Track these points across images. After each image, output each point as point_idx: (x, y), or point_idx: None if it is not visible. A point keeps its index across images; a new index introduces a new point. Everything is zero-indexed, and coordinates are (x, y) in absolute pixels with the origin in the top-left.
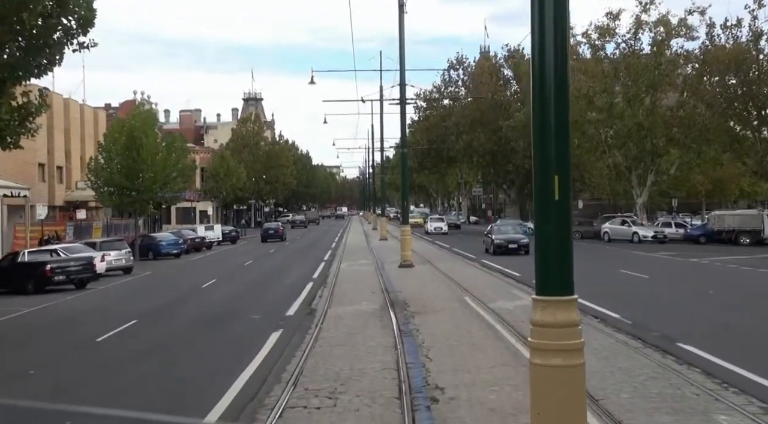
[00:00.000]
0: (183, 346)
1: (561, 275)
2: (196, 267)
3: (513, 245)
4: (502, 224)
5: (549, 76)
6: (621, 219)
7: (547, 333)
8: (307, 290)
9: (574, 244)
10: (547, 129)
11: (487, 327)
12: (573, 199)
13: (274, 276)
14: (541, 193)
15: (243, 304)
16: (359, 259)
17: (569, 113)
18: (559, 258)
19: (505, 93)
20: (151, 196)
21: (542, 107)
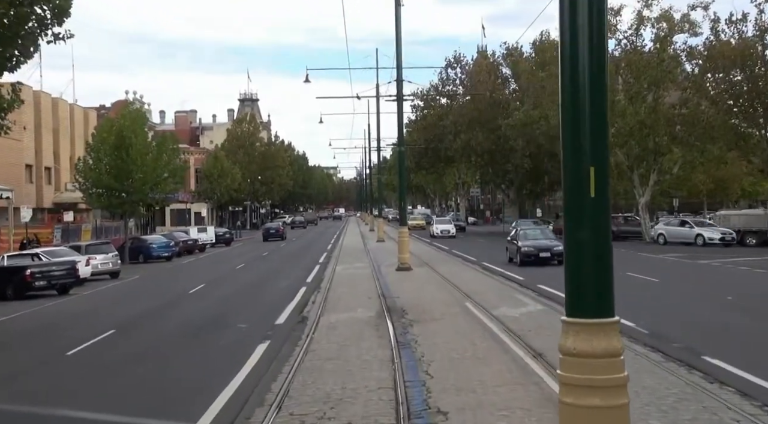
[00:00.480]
0: (158, 361)
1: (599, 291)
2: (187, 271)
3: (545, 253)
4: (529, 228)
5: (582, 36)
6: (680, 219)
7: (581, 365)
8: (299, 296)
9: None
10: (579, 109)
11: (491, 337)
12: None
13: (266, 280)
14: (572, 190)
15: (230, 311)
16: (355, 262)
17: (607, 89)
18: (597, 271)
19: (504, 92)
20: (141, 197)
21: (573, 80)
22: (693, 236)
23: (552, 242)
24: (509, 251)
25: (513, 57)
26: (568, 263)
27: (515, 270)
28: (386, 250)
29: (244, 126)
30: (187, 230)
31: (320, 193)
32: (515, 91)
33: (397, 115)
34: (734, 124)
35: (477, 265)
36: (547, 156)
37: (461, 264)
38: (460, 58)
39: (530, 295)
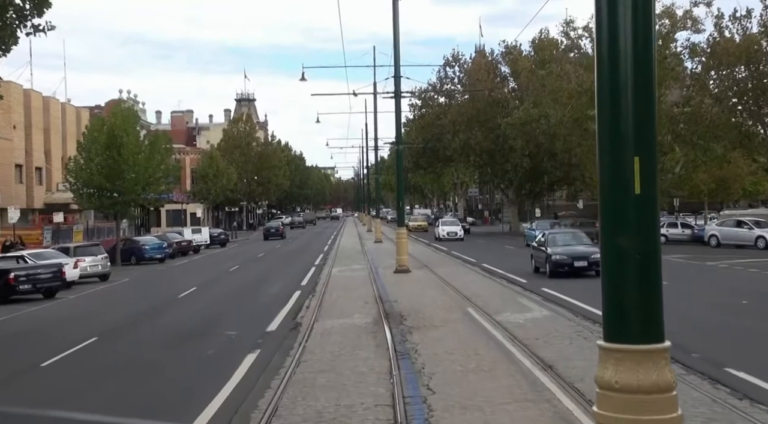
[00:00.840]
0: (137, 374)
1: (646, 310)
2: (179, 273)
3: (581, 262)
4: (560, 232)
5: None
6: (737, 220)
7: (625, 403)
8: (293, 300)
9: None
10: (619, 83)
11: (496, 346)
12: (574, 198)
13: (260, 283)
14: (610, 187)
15: (220, 317)
16: (352, 263)
17: (654, 59)
18: (642, 284)
19: (503, 90)
20: (133, 197)
21: (612, 46)
22: (753, 239)
23: (589, 248)
24: (535, 259)
25: (512, 55)
26: (607, 274)
27: (521, 273)
28: (384, 251)
29: (240, 126)
30: (181, 231)
31: (318, 193)
32: (514, 89)
33: (395, 113)
34: (738, 122)
35: (477, 267)
36: (546, 155)
37: (461, 266)
38: (459, 57)
39: (534, 299)
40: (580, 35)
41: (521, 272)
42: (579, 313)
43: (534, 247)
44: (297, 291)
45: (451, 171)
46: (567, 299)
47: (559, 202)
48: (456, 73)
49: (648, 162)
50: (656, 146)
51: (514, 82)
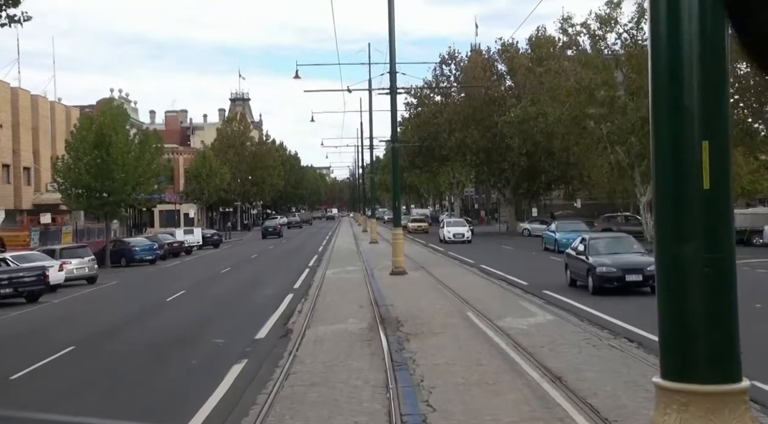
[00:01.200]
0: (112, 388)
1: (718, 341)
2: (169, 275)
3: (634, 276)
4: (604, 238)
5: None
6: None
7: None
8: (285, 304)
9: None
10: (681, 40)
11: (499, 355)
12: (571, 197)
13: (252, 286)
14: (670, 180)
15: (208, 323)
16: (347, 265)
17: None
18: (713, 307)
19: (500, 88)
20: (122, 198)
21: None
22: None
23: (642, 257)
24: (572, 271)
25: (509, 53)
26: (665, 292)
27: (520, 274)
28: (379, 252)
29: (234, 125)
30: (172, 232)
31: (313, 193)
32: (511, 88)
33: (390, 109)
34: (740, 119)
35: (475, 268)
36: (543, 154)
37: (458, 267)
38: (455, 55)
39: (536, 302)
40: (578, 32)
41: (520, 273)
42: (584, 317)
43: (570, 255)
44: (289, 294)
45: (447, 170)
46: (571, 303)
47: (555, 202)
48: (452, 70)
49: (720, 149)
50: (729, 131)
51: (511, 80)
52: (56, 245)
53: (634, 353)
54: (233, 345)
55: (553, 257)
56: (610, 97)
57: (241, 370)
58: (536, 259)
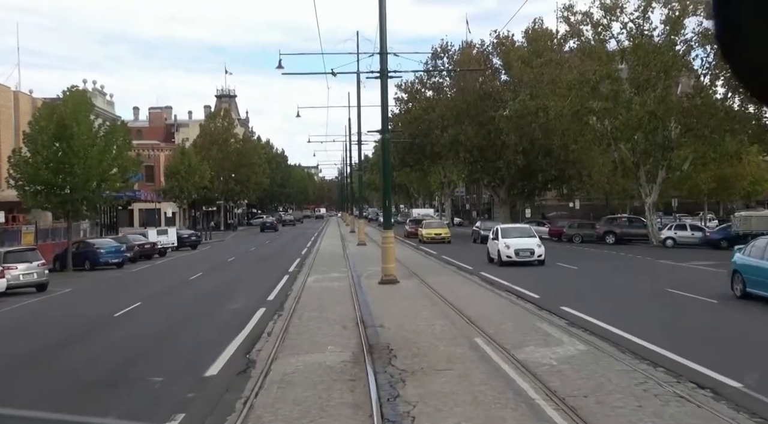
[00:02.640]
0: None
1: None
2: (132, 281)
3: None
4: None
5: None
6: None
7: None
8: (253, 323)
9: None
10: None
11: (531, 412)
12: (569, 198)
13: (220, 297)
14: None
15: (152, 350)
16: (331, 270)
17: None
18: None
19: (494, 83)
20: (85, 195)
21: None
22: None
23: None
24: None
25: (504, 46)
26: None
27: (522, 281)
28: (368, 255)
29: (218, 121)
30: (145, 233)
31: (300, 192)
32: (506, 82)
33: (380, 95)
34: (756, 114)
35: (475, 276)
36: (541, 152)
37: (455, 274)
38: (448, 48)
39: (556, 323)
40: (581, 20)
41: (527, 283)
42: (626, 347)
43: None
44: (261, 309)
45: (438, 169)
46: (600, 324)
47: (550, 202)
48: (445, 64)
49: None
50: None
51: (507, 74)
52: (2, 248)
53: (715, 408)
54: (173, 387)
55: (556, 261)
56: (614, 91)
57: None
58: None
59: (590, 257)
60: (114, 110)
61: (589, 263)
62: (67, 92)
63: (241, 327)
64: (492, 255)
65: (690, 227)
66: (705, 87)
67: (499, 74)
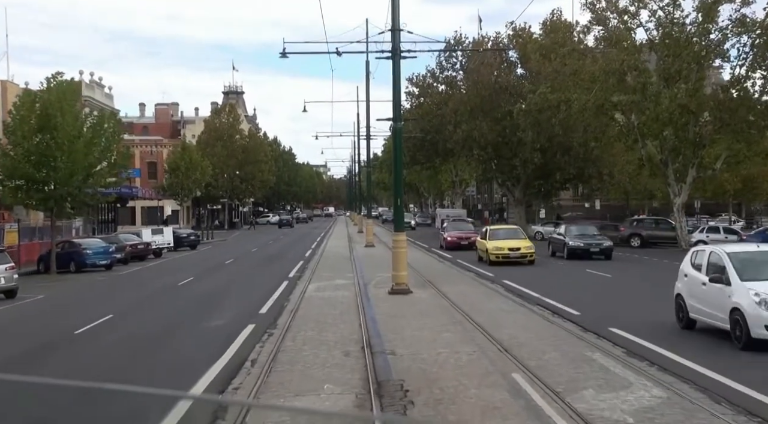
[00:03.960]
0: None
1: None
2: (115, 287)
3: None
4: None
5: None
6: None
7: None
8: (236, 346)
9: None
10: None
11: None
12: (589, 198)
13: (205, 308)
14: None
15: (105, 380)
16: (336, 276)
17: None
18: None
19: (510, 76)
20: (69, 191)
21: None
22: None
23: None
24: None
25: (521, 39)
26: None
27: (551, 290)
28: (376, 259)
29: (222, 117)
30: (138, 232)
31: (308, 191)
32: (523, 76)
33: (392, 78)
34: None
35: (497, 284)
36: (560, 150)
37: (475, 283)
38: (461, 40)
39: (611, 352)
40: (605, 7)
41: (561, 294)
42: (719, 394)
43: None
44: (249, 325)
45: (449, 167)
46: (667, 355)
47: (565, 203)
48: (458, 57)
49: None
50: None
51: (523, 67)
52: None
53: None
54: None
55: (586, 267)
56: (641, 84)
57: None
58: (568, 271)
59: (620, 263)
60: (113, 103)
61: (621, 269)
62: (52, 80)
63: (221, 352)
64: None
65: (723, 230)
66: (742, 78)
67: (515, 67)
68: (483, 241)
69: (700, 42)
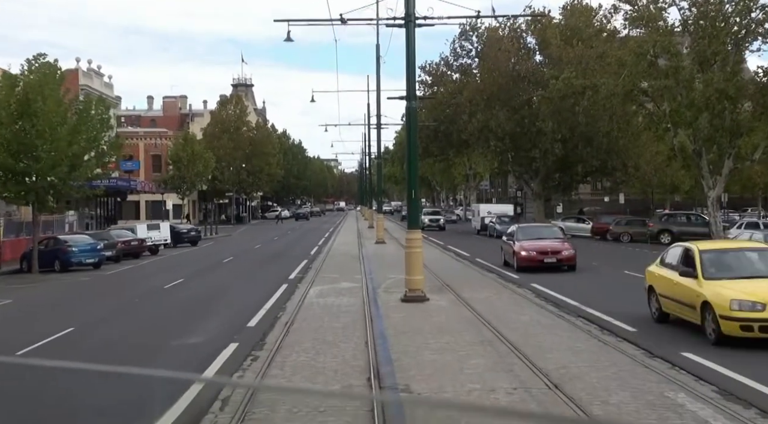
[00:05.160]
0: None
1: None
2: (95, 290)
3: None
4: None
5: None
6: None
7: None
8: (206, 377)
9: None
10: None
11: None
12: (614, 192)
13: (184, 320)
14: None
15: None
16: (342, 277)
17: None
18: None
19: (529, 63)
20: (52, 183)
21: None
22: None
23: None
24: None
25: (540, 24)
26: None
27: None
28: (387, 257)
29: (229, 109)
30: (133, 228)
31: (319, 185)
32: (542, 63)
33: (405, 49)
34: None
35: (526, 288)
36: (582, 141)
37: (500, 286)
38: (477, 26)
39: (698, 390)
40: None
41: (601, 302)
42: None
43: None
44: (232, 345)
45: (463, 160)
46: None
47: (583, 197)
48: (473, 44)
49: None
50: None
51: (541, 54)
52: None
53: None
54: None
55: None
56: (673, 68)
57: None
58: (602, 273)
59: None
60: (112, 92)
61: None
62: (33, 62)
63: (184, 388)
64: None
65: (764, 226)
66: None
67: (533, 54)
68: None
69: (740, 21)
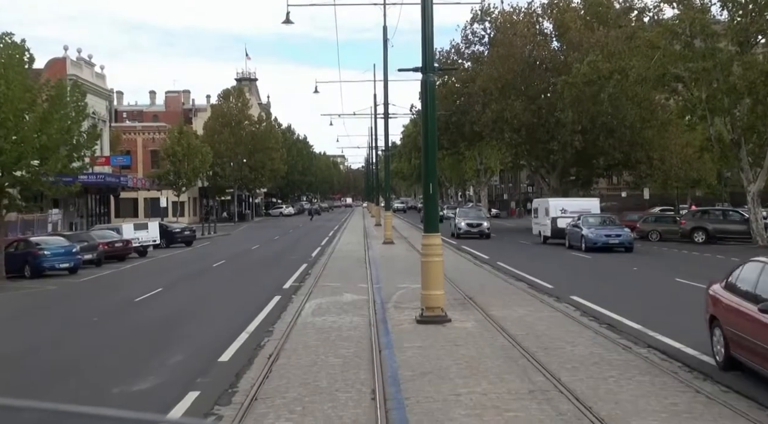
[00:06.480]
0: None
1: None
2: (59, 301)
3: None
4: None
5: None
6: None
7: None
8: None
9: None
10: None
11: None
12: (637, 187)
13: (144, 349)
14: None
15: None
16: (345, 287)
17: None
18: None
19: (545, 50)
20: (17, 178)
21: None
22: None
23: None
24: None
25: (558, 8)
26: None
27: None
28: (396, 260)
29: (231, 102)
30: (118, 227)
31: (324, 181)
32: (560, 50)
33: (421, 14)
34: None
35: (565, 303)
36: (603, 132)
37: (534, 300)
38: (489, 11)
39: None
40: None
41: (656, 318)
42: None
43: None
44: (191, 394)
45: (474, 154)
46: None
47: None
48: (486, 30)
49: None
50: None
51: (559, 40)
52: None
53: None
54: None
55: (675, 275)
56: (710, 49)
57: None
58: (647, 280)
59: (698, 265)
60: (105, 84)
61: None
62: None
63: None
64: None
65: None
66: None
67: (550, 39)
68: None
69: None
